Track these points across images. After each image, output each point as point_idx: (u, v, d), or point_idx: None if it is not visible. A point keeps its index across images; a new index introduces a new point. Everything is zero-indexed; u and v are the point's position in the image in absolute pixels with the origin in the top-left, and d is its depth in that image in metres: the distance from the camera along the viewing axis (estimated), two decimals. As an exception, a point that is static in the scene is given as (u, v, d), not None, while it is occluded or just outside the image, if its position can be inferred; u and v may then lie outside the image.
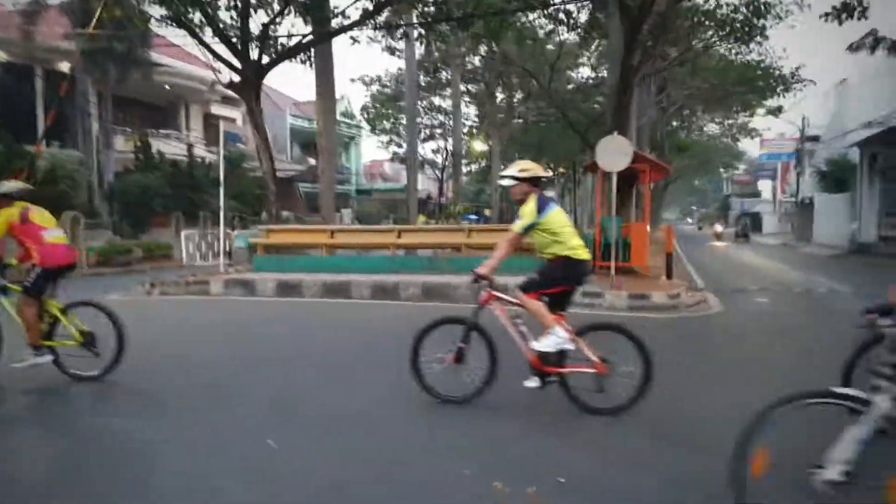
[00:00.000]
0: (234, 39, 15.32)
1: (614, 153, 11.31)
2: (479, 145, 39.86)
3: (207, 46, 15.13)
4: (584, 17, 19.41)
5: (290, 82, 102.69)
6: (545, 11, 19.79)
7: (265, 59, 15.83)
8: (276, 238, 14.40)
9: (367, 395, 5.46)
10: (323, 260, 14.03)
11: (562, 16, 19.77)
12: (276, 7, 15.91)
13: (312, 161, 41.43)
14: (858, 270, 17.94)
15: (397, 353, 5.51)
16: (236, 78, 15.84)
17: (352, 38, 18.88)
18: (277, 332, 8.63)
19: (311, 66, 18.08)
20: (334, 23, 17.05)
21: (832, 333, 8.18)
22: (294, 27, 23.86)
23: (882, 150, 23.56)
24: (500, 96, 34.67)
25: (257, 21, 16.56)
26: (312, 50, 17.41)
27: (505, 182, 5.06)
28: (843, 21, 14.62)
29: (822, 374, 4.34)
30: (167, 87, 27.56)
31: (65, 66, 20.50)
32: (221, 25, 15.51)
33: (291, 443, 4.27)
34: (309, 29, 17.20)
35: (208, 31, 15.51)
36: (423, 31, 19.81)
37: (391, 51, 25.27)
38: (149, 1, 15.03)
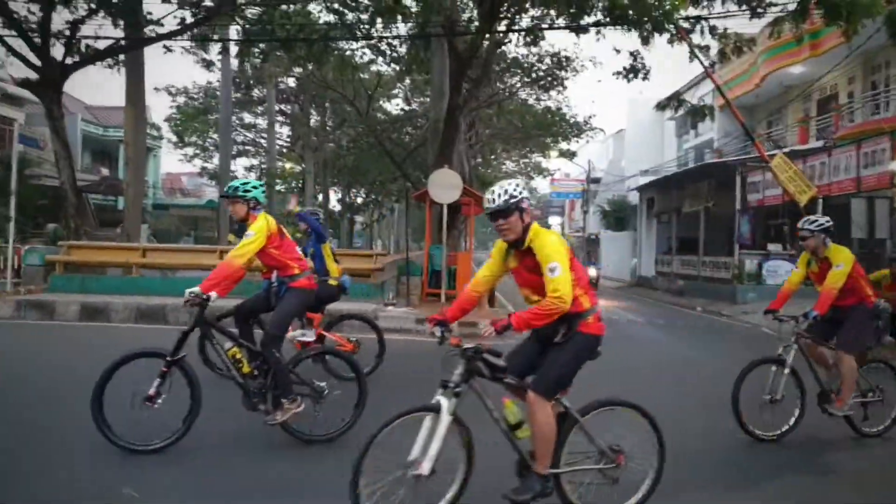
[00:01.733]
0: (34, 34, 13.77)
1: (446, 186, 11.95)
2: (291, 166, 39.18)
3: (0, 38, 13.44)
4: (403, 49, 20.17)
5: (77, 85, 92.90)
6: (369, 42, 20.29)
7: (69, 60, 14.40)
8: (78, 255, 13.08)
9: (218, 430, 5.25)
10: (131, 281, 13.01)
11: (384, 47, 20.44)
12: (85, 6, 14.59)
13: (105, 171, 37.86)
14: (642, 301, 20.51)
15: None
16: (32, 75, 14.21)
17: (165, 46, 17.86)
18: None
19: (118, 70, 16.78)
20: (148, 30, 16.03)
21: (640, 356, 9.46)
22: (102, 29, 22.18)
23: (656, 195, 27.06)
24: (314, 119, 34.50)
25: (61, 17, 15.07)
26: (121, 55, 16.19)
27: None
28: (631, 80, 16.83)
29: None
30: (-70, 77, 23.76)
31: None
32: (17, 16, 13.89)
33: (153, 489, 4.02)
34: (118, 33, 16.00)
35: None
36: (242, 48, 19.28)
37: (206, 64, 24.15)
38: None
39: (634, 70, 16.35)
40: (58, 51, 14.39)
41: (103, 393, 4.31)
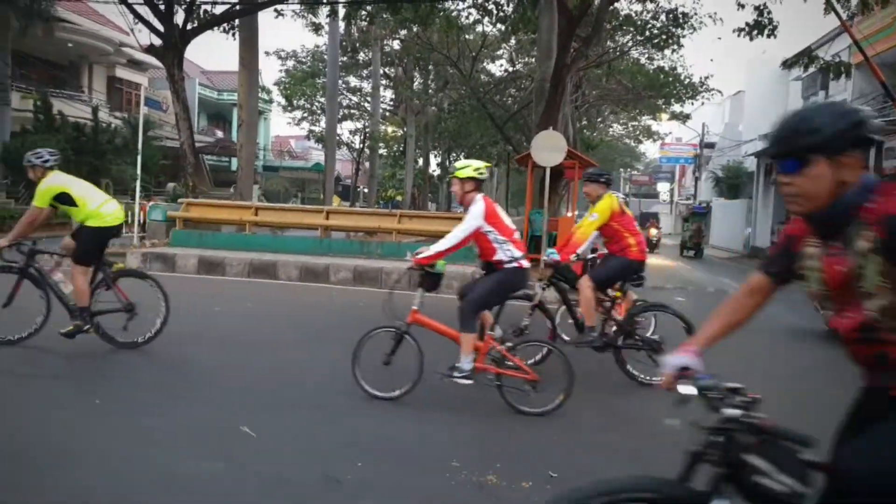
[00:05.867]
0: (158, 1, 14.44)
1: (549, 148, 11.62)
2: (393, 130, 39.61)
3: (130, 6, 14.18)
4: (510, 9, 19.69)
5: (195, 50, 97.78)
6: (475, 2, 19.95)
7: (189, 25, 15.04)
8: (196, 212, 13.79)
9: (322, 381, 5.41)
10: (244, 237, 13.60)
11: (491, 6, 20.03)
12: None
13: (220, 133, 39.76)
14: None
15: (338, 335, 5.41)
16: (157, 41, 14.95)
17: (277, 10, 18.31)
18: (215, 311, 8.31)
19: (234, 35, 17.37)
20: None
21: (755, 331, 8.84)
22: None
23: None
24: (417, 81, 34.56)
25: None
26: (237, 19, 16.74)
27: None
28: (755, 37, 15.65)
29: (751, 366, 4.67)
30: (70, 45, 25.56)
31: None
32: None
33: (269, 431, 4.15)
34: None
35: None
36: (350, 11, 19.47)
37: (315, 27, 24.57)
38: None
39: (759, 26, 15.21)
40: (179, 17, 15.06)
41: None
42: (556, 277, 5.78)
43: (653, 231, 26.26)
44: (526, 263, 4.95)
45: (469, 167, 4.93)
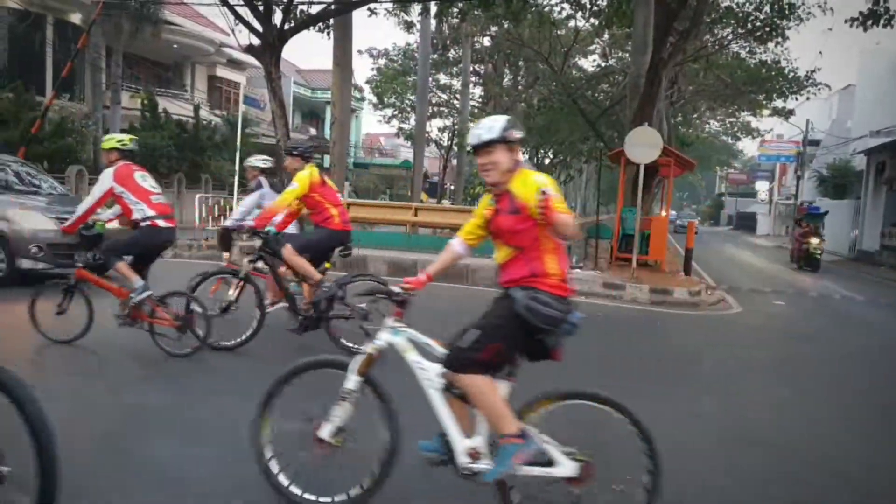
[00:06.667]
0: (258, 2, 14.97)
1: (644, 145, 11.28)
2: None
3: (231, 7, 14.78)
4: (604, 2, 19.25)
5: (290, 49, 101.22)
6: (569, -4, 19.63)
7: (287, 25, 15.51)
8: (291, 208, 14.22)
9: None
10: (335, 232, 13.94)
11: (585, 1, 19.66)
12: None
13: (313, 130, 40.97)
14: (863, 278, 18.15)
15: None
16: (255, 41, 15.49)
17: (370, 9, 18.60)
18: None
19: (328, 35, 17.78)
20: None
21: (857, 340, 8.29)
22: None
23: (889, 158, 23.57)
24: (506, 78, 34.39)
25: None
26: (332, 18, 17.12)
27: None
28: (869, 27, 14.61)
29: (847, 376, 4.32)
30: (175, 46, 26.98)
31: (76, 18, 19.90)
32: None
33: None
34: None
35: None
36: (442, 8, 19.57)
37: (407, 25, 24.91)
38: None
39: (875, 15, 14.22)
40: (277, 17, 15.56)
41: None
42: (263, 250, 5.77)
43: (813, 241, 18.87)
44: (162, 223, 5.50)
45: (113, 140, 5.68)
